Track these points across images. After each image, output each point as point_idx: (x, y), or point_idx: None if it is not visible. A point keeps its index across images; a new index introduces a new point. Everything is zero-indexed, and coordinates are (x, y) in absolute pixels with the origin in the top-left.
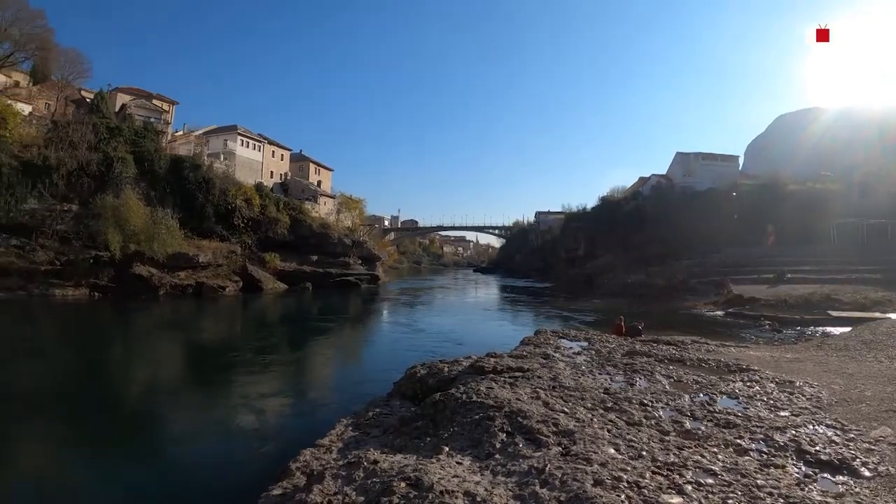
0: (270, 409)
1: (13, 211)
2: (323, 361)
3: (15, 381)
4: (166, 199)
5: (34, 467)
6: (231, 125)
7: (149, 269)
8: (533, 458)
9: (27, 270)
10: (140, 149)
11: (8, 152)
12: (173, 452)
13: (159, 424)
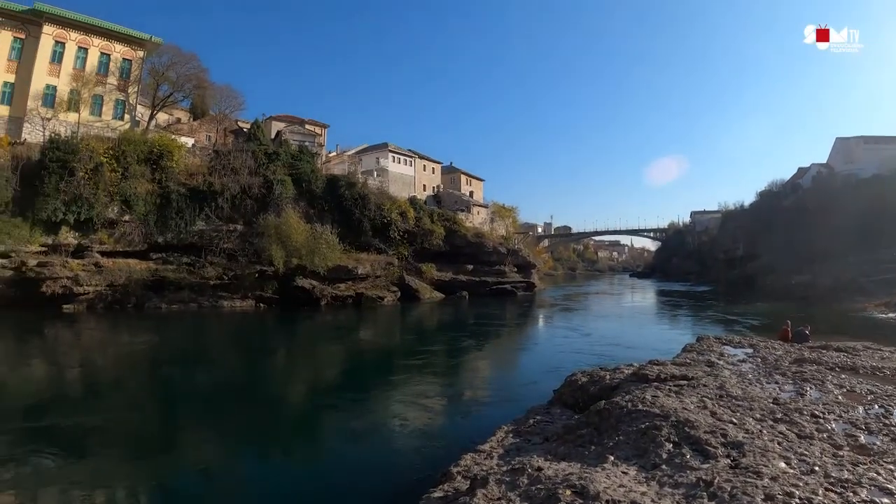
0: (428, 413)
1: (183, 232)
2: (479, 368)
3: (191, 382)
4: (325, 215)
5: (205, 459)
6: (382, 143)
7: (311, 281)
8: (700, 469)
9: (198, 285)
10: (297, 171)
11: (176, 181)
12: (335, 452)
13: (322, 425)
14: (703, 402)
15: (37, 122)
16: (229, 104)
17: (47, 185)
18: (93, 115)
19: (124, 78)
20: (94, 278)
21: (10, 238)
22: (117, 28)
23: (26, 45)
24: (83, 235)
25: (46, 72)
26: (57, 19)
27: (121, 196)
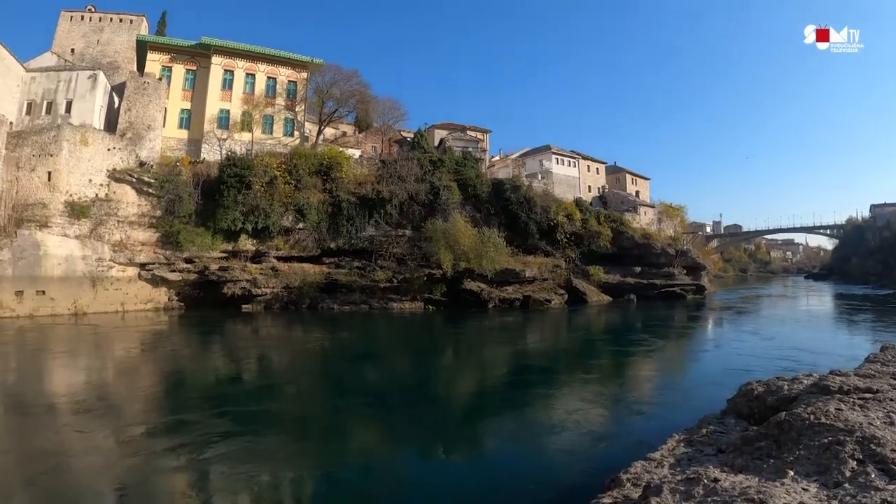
0: (594, 416)
1: (354, 238)
2: (647, 373)
3: (360, 377)
4: (491, 219)
5: (369, 451)
6: (544, 145)
7: (478, 284)
8: (886, 490)
9: (368, 287)
10: (462, 176)
11: (346, 190)
12: (498, 451)
13: (486, 424)
14: (890, 418)
15: (213, 142)
16: (392, 116)
17: (227, 198)
18: (265, 134)
19: (291, 98)
20: (271, 281)
21: (195, 245)
22: (280, 53)
23: (198, 76)
24: (261, 242)
25: (219, 98)
26: (223, 50)
27: (295, 206)
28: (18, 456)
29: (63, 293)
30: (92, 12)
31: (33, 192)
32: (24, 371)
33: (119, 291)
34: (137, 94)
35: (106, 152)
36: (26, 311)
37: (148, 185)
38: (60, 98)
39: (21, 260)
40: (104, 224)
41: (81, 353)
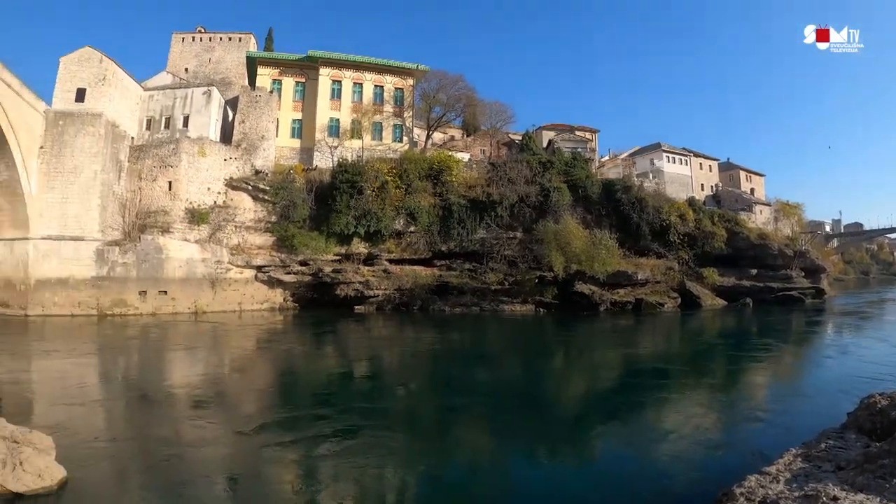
0: (705, 425)
1: (465, 241)
2: (763, 381)
3: (469, 378)
4: (602, 220)
5: (474, 451)
6: (654, 143)
7: (590, 286)
8: None
9: (479, 289)
10: (572, 177)
11: (456, 193)
12: (606, 457)
13: (594, 428)
14: None
15: (325, 150)
16: (499, 118)
17: (339, 203)
18: (374, 140)
19: (398, 105)
20: (383, 283)
21: (309, 248)
22: (385, 62)
23: (307, 87)
24: (373, 245)
25: (328, 107)
26: (330, 62)
27: (406, 209)
28: (141, 443)
29: (184, 293)
30: (202, 33)
31: (155, 201)
32: (147, 364)
33: (237, 292)
34: (250, 106)
35: (223, 162)
36: (149, 310)
37: (263, 192)
38: (178, 113)
39: (145, 263)
40: (222, 229)
41: (200, 349)
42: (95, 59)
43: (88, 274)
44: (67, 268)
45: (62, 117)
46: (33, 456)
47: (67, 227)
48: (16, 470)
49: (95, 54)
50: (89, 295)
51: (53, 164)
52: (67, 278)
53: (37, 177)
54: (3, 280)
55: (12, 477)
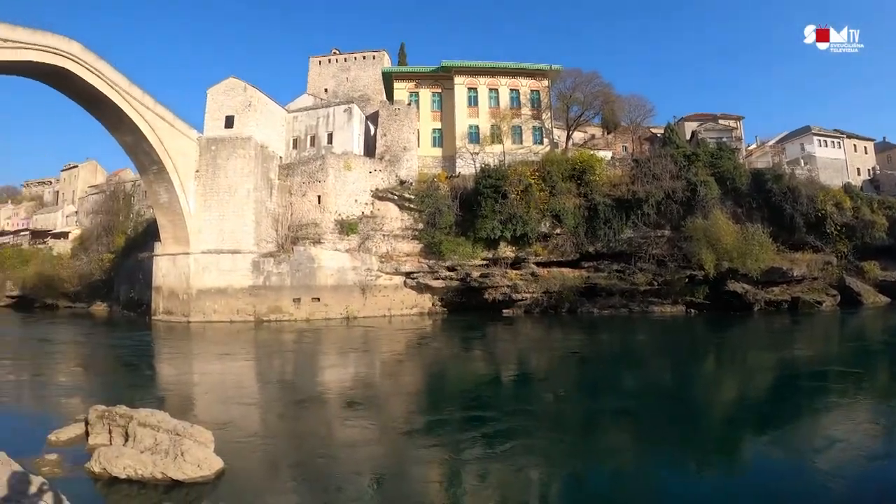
0: (869, 436)
1: (612, 241)
2: None
3: (616, 381)
4: (753, 214)
5: (618, 457)
6: (803, 127)
7: (742, 285)
8: None
9: (628, 291)
10: (719, 169)
11: (600, 193)
12: (760, 468)
13: (747, 436)
14: None
15: (466, 156)
16: (638, 113)
17: (484, 208)
18: (515, 144)
19: (535, 107)
20: (531, 286)
21: (456, 254)
22: (519, 65)
23: (444, 97)
24: (519, 248)
25: (466, 115)
26: (464, 70)
27: (551, 211)
28: (294, 439)
29: (335, 300)
30: (336, 55)
31: (306, 214)
32: (301, 367)
33: (386, 298)
34: (390, 120)
35: (368, 174)
36: (303, 316)
37: (409, 201)
38: (321, 131)
39: (298, 272)
40: (371, 238)
41: (352, 352)
42: (240, 88)
43: (246, 283)
44: (226, 278)
45: (214, 143)
46: (194, 448)
47: (225, 241)
48: (177, 459)
49: (239, 84)
50: (247, 303)
51: (209, 186)
52: (226, 288)
53: (194, 197)
54: (168, 290)
55: (174, 466)
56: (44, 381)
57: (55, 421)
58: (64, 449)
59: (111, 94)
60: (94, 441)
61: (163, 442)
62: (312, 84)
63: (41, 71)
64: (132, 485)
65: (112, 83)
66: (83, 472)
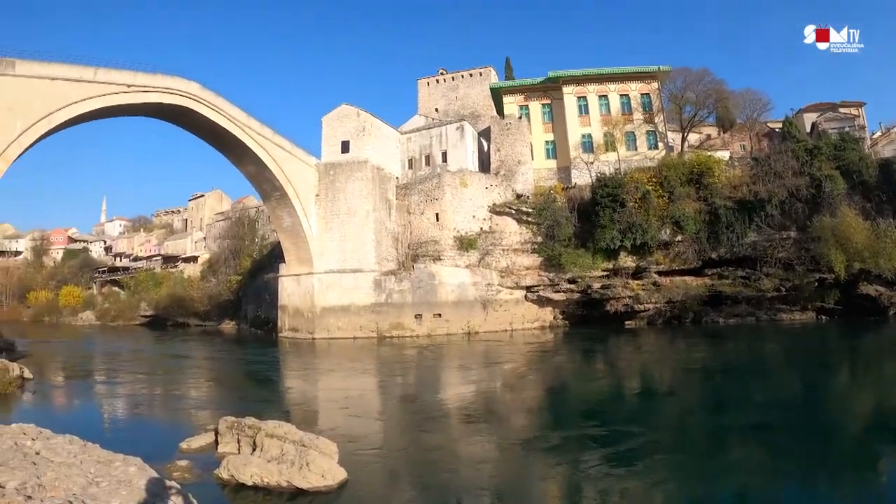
0: None
1: (736, 245)
2: None
3: (742, 395)
4: (883, 208)
5: (745, 476)
6: None
7: (876, 287)
8: None
9: (754, 298)
10: (843, 162)
11: (721, 195)
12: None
13: (884, 455)
14: None
15: (581, 166)
16: (755, 108)
17: (602, 218)
18: (629, 151)
19: (647, 110)
20: (653, 296)
21: (576, 266)
22: (626, 70)
23: (554, 107)
24: (640, 258)
25: (578, 124)
26: (572, 79)
27: (670, 218)
28: (415, 452)
29: (456, 315)
30: (443, 74)
31: (425, 232)
32: (422, 381)
33: (507, 312)
34: (502, 134)
35: (484, 190)
36: (425, 332)
37: (526, 215)
38: (435, 150)
39: (419, 289)
40: (490, 253)
41: (473, 367)
42: (353, 114)
43: (368, 301)
44: (349, 296)
45: (332, 168)
46: (318, 458)
47: (347, 261)
48: (302, 469)
49: (352, 110)
50: (369, 320)
51: (329, 208)
52: (349, 305)
53: (316, 220)
54: (293, 309)
55: (299, 475)
56: (177, 393)
57: (187, 430)
58: (194, 456)
59: (231, 128)
60: (223, 450)
61: (289, 452)
62: (423, 105)
63: (164, 111)
64: (258, 492)
65: (231, 117)
66: (212, 478)
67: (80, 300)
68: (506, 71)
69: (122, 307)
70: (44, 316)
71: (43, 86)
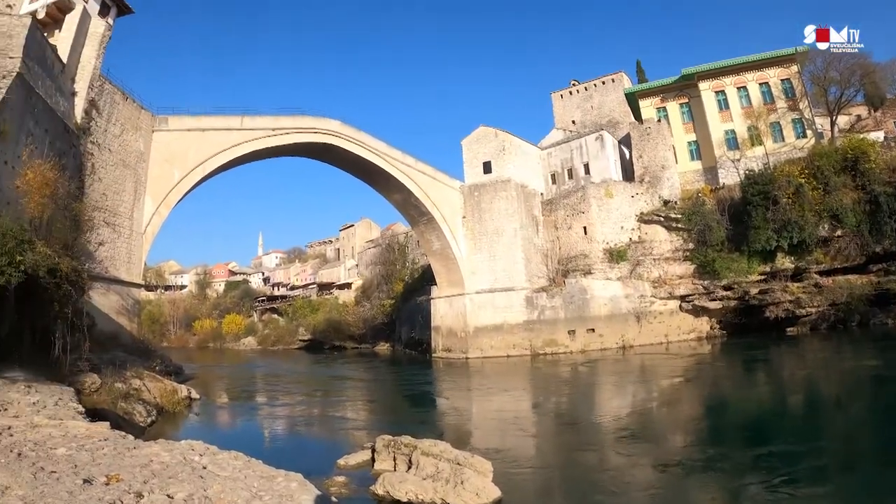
0: None
1: None
2: None
3: None
4: None
5: None
6: None
7: None
8: None
9: None
10: None
11: (880, 181)
12: None
13: None
14: None
15: (728, 165)
16: None
17: (755, 218)
18: (776, 143)
19: (790, 97)
20: (815, 299)
21: (731, 271)
22: (760, 56)
23: (692, 106)
24: (798, 258)
25: (719, 120)
26: (706, 74)
27: (828, 212)
28: (569, 470)
29: (609, 329)
30: (575, 85)
31: (573, 246)
32: (576, 398)
33: (661, 324)
34: (643, 140)
35: (630, 199)
36: (578, 347)
37: (675, 221)
38: (577, 163)
39: (571, 304)
40: (641, 264)
41: (628, 382)
42: (491, 135)
43: (520, 319)
44: (501, 315)
45: (475, 189)
46: (473, 477)
47: (497, 280)
48: (457, 487)
49: (490, 131)
50: (522, 337)
51: (476, 229)
52: (501, 324)
53: (464, 242)
54: (446, 329)
55: (453, 493)
56: (334, 413)
57: (344, 448)
58: (351, 472)
59: (374, 159)
60: (379, 467)
61: (444, 470)
62: (559, 118)
63: (308, 149)
64: None
65: (373, 149)
66: (368, 494)
67: (242, 327)
68: (638, 74)
69: (281, 332)
70: (208, 342)
71: (194, 137)
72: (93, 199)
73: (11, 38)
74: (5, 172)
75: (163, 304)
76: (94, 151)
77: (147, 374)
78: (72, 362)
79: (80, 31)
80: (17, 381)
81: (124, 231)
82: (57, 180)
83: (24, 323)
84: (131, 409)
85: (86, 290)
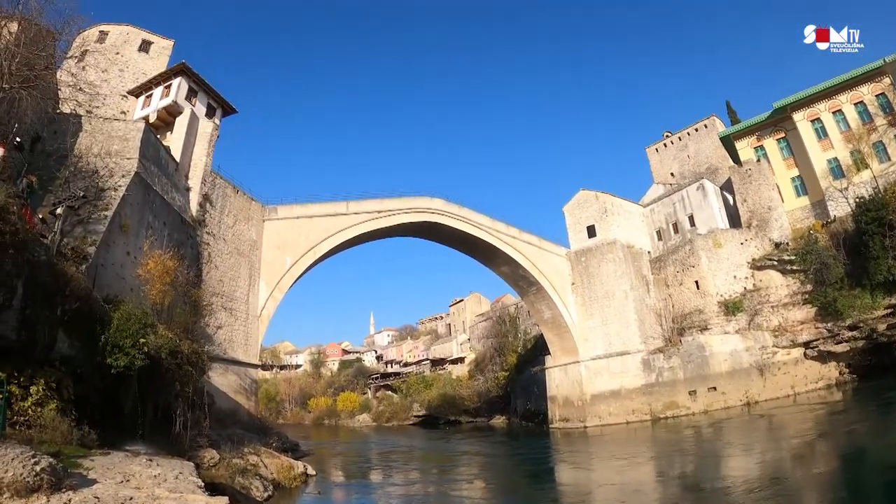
0: None
1: None
2: None
3: None
4: None
5: None
6: None
7: None
8: None
9: None
10: None
11: None
12: None
13: None
14: None
15: (835, 196)
16: None
17: (872, 248)
18: (882, 163)
19: (887, 112)
20: None
21: (854, 309)
22: (850, 75)
23: (790, 139)
24: None
25: (820, 150)
26: (798, 104)
27: None
28: None
29: (732, 386)
30: (669, 136)
31: (686, 302)
32: (701, 462)
33: (787, 375)
34: (745, 183)
35: (739, 246)
36: (700, 408)
37: (789, 263)
38: (681, 216)
39: (689, 363)
40: (759, 313)
41: (754, 439)
42: (592, 198)
43: (637, 383)
44: (617, 380)
45: (582, 254)
46: None
47: (611, 345)
48: None
49: (590, 194)
50: (640, 402)
51: (586, 295)
52: (619, 390)
53: (575, 308)
54: (562, 398)
55: None
56: (451, 489)
57: None
58: None
59: (478, 233)
60: None
61: None
62: (657, 172)
63: (413, 228)
64: None
65: (477, 224)
66: None
67: (356, 404)
68: (729, 115)
69: (395, 408)
70: (323, 419)
71: (303, 224)
72: (210, 286)
73: (128, 142)
74: (128, 262)
75: (278, 383)
76: (209, 241)
77: (264, 450)
78: (192, 438)
79: (189, 131)
80: (139, 454)
81: (241, 314)
82: (176, 268)
83: (147, 400)
84: (248, 484)
85: (205, 371)
